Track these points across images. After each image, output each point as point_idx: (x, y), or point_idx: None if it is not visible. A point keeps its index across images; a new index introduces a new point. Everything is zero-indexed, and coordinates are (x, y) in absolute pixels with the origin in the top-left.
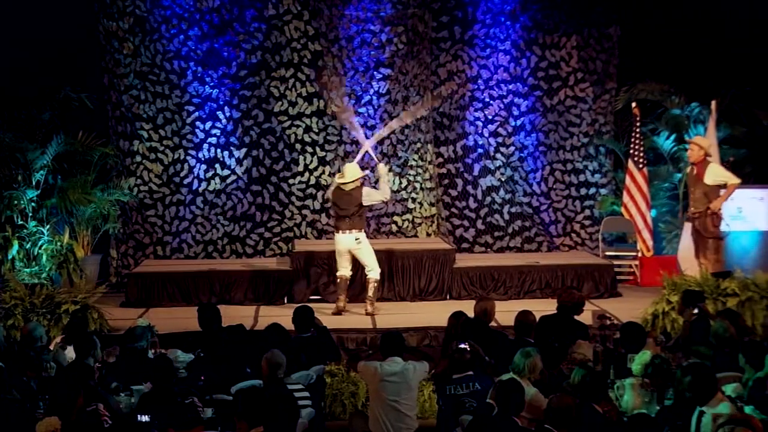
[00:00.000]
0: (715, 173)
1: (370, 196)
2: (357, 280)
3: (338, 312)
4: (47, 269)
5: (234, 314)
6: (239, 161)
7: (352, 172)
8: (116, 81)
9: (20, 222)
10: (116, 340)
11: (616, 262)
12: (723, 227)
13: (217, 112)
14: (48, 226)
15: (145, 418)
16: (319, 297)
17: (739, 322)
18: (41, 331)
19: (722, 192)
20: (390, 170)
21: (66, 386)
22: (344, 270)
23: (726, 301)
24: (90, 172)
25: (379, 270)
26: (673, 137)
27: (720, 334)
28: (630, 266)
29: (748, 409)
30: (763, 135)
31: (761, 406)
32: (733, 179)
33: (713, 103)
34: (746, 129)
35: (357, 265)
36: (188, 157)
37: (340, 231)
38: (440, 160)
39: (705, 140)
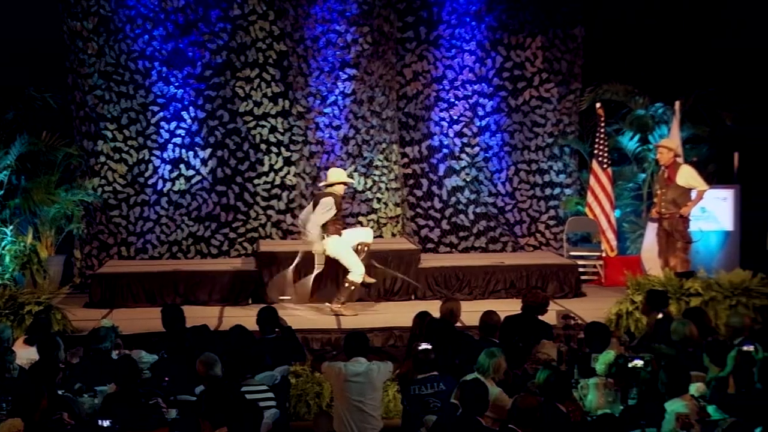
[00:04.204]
0: (687, 176)
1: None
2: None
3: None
4: (10, 270)
5: (198, 315)
6: (204, 162)
7: (331, 175)
8: (80, 81)
9: None
10: (80, 341)
11: (580, 262)
12: (694, 229)
13: (182, 113)
14: (11, 227)
15: (105, 423)
16: (287, 298)
17: (704, 321)
18: (9, 333)
19: (693, 195)
20: (356, 170)
21: (29, 387)
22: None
23: (689, 300)
24: (54, 173)
25: (356, 273)
26: (637, 137)
27: (678, 332)
28: (594, 266)
29: (710, 409)
30: (726, 135)
31: (723, 406)
32: (703, 186)
33: (677, 104)
34: (709, 129)
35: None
36: (153, 158)
37: None
38: (405, 160)
39: (673, 142)
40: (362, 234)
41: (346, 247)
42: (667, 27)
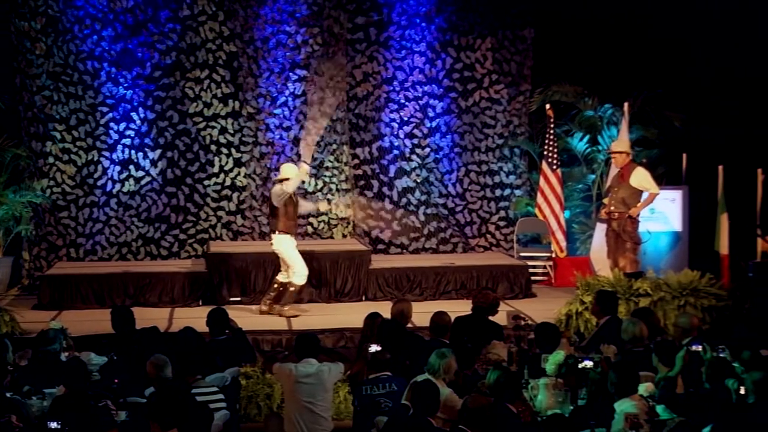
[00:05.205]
0: (640, 178)
1: (277, 196)
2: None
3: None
4: None
5: (148, 316)
6: (154, 162)
7: (283, 171)
8: (28, 81)
9: None
10: (28, 343)
11: (530, 263)
12: (642, 230)
13: (132, 113)
14: None
15: (54, 425)
16: (238, 299)
17: (653, 321)
18: None
19: (644, 196)
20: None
21: None
22: (280, 273)
23: (638, 301)
24: (2, 174)
25: (299, 275)
26: (586, 139)
27: (629, 331)
28: (544, 267)
29: (659, 408)
30: (675, 136)
31: (672, 405)
32: (655, 189)
33: (625, 105)
34: (658, 130)
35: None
36: (102, 159)
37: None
38: (356, 161)
39: (622, 144)
40: None
41: (293, 247)
42: (616, 28)
